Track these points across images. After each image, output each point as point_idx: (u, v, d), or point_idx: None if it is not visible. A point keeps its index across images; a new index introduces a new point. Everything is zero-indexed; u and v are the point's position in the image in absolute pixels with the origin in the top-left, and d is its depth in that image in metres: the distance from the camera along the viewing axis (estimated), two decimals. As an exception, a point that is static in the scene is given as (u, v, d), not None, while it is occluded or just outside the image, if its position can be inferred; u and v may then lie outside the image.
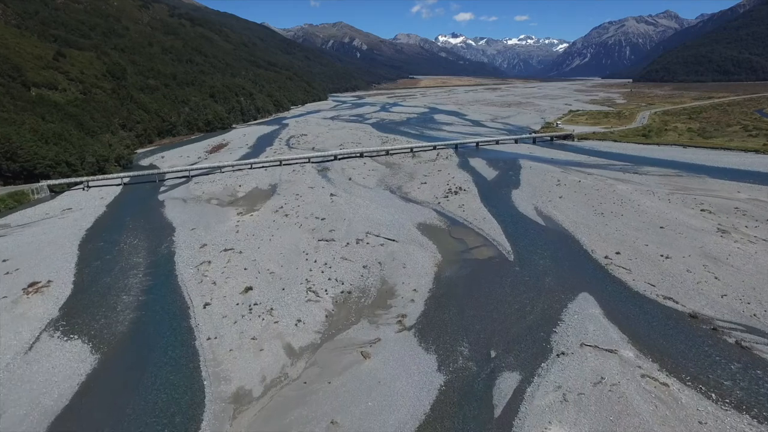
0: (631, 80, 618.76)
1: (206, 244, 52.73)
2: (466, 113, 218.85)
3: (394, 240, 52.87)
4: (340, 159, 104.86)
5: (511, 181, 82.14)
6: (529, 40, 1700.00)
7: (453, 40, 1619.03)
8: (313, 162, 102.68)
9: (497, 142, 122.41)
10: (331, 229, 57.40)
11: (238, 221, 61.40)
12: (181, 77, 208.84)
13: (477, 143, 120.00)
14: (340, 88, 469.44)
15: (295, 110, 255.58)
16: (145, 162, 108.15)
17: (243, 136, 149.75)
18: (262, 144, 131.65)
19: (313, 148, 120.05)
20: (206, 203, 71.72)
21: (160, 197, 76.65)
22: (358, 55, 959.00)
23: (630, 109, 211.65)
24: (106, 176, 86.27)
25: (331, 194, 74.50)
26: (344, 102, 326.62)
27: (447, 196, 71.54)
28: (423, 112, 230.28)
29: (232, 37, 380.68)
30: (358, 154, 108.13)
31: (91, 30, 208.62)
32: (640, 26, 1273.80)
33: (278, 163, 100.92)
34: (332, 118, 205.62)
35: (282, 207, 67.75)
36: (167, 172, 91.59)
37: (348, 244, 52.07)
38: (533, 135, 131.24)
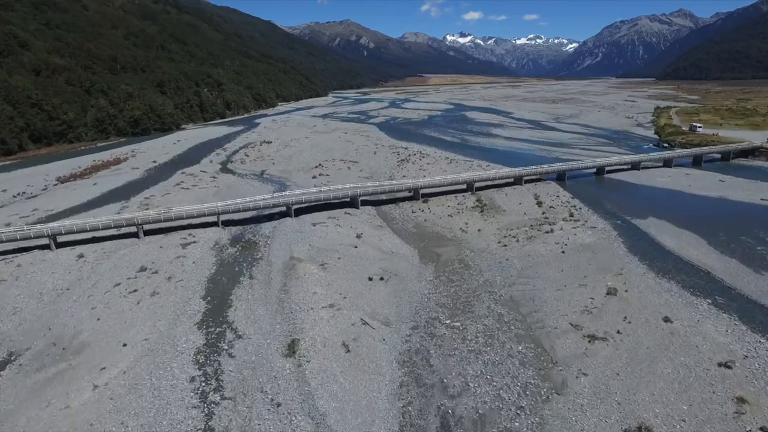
0: (654, 78, 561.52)
1: None
2: (507, 110, 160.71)
3: None
4: (298, 213, 43.63)
5: None
6: (538, 40, 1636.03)
7: (461, 39, 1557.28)
8: (225, 223, 40.61)
9: (638, 166, 63.55)
10: None
11: None
12: (126, 61, 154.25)
13: (598, 168, 61.23)
14: (345, 85, 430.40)
15: (282, 107, 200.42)
16: None
17: (174, 143, 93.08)
18: (186, 160, 74.22)
19: (263, 172, 62.55)
20: None
21: None
22: (365, 53, 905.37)
23: (746, 104, 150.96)
24: None
25: None
26: (346, 98, 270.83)
27: None
28: (447, 109, 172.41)
29: (224, 27, 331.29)
30: (347, 199, 47.34)
31: (17, 1, 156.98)
32: (654, 25, 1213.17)
33: (133, 228, 38.06)
34: (324, 116, 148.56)
35: None
36: None
37: None
38: (694, 151, 69.41)
